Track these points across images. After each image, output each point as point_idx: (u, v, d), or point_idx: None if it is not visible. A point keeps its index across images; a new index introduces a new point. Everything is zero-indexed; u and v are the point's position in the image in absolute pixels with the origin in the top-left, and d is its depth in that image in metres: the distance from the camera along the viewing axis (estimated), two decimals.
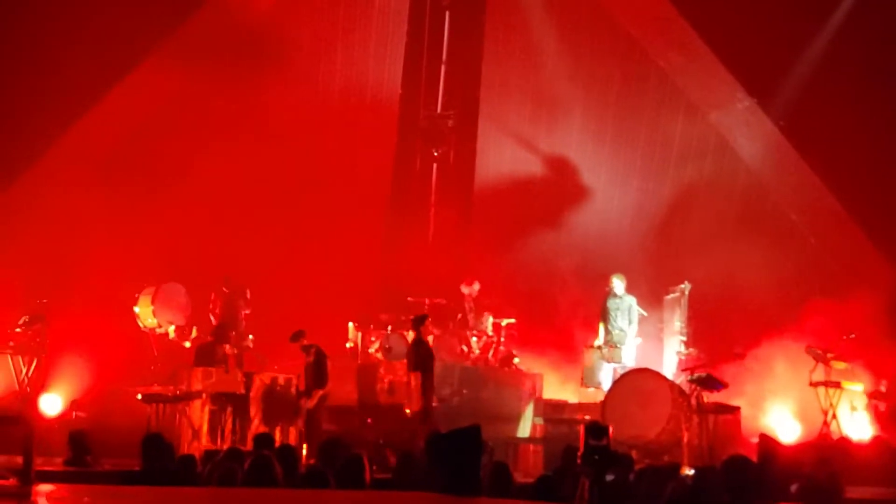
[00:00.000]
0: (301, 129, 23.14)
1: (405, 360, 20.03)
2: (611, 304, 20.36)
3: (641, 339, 20.44)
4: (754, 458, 10.14)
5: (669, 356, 20.74)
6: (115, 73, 21.42)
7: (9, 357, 19.59)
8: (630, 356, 20.13)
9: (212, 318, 20.57)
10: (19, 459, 8.06)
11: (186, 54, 21.91)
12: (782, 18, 20.75)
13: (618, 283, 20.35)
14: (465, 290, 21.38)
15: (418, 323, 17.71)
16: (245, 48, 22.70)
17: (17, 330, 19.63)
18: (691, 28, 21.49)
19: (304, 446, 17.09)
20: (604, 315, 20.40)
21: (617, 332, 20.19)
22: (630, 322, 20.26)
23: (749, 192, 23.12)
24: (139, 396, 17.85)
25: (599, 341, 20.21)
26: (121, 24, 20.15)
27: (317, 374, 18.00)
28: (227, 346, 19.26)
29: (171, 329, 20.19)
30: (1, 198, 20.57)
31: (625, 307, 20.31)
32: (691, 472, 13.11)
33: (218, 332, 19.22)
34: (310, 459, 14.80)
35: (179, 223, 22.00)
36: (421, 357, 17.30)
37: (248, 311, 20.87)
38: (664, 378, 18.76)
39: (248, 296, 20.90)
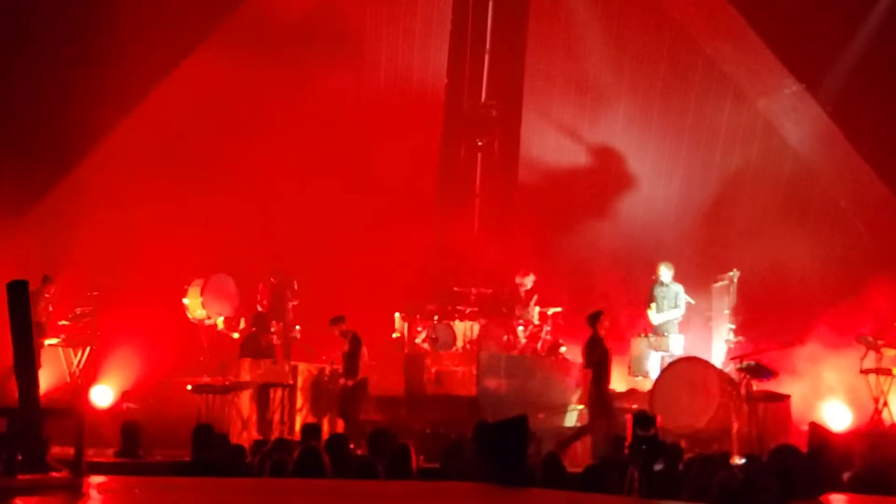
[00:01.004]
0: (347, 119, 23.22)
1: (452, 351, 20.13)
2: (657, 292, 20.26)
3: (682, 329, 20.29)
4: (804, 447, 10.08)
5: (718, 344, 20.61)
6: (165, 66, 21.57)
7: (60, 349, 19.79)
8: (678, 345, 20.04)
9: (259, 308, 20.65)
10: (71, 451, 8.12)
11: (235, 46, 22.03)
12: (830, 3, 20.58)
13: (665, 271, 20.25)
14: (519, 280, 21.33)
15: (594, 319, 17.30)
16: (292, 40, 22.77)
17: (68, 322, 19.83)
18: (739, 14, 21.35)
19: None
20: (650, 303, 20.31)
21: (660, 319, 20.10)
22: (676, 307, 20.17)
23: (797, 178, 22.96)
24: (189, 387, 17.97)
25: (651, 318, 20.08)
26: (171, 15, 20.28)
27: (349, 362, 18.06)
28: (273, 337, 19.38)
29: (220, 320, 20.30)
30: (52, 192, 20.75)
31: (671, 295, 20.21)
32: (741, 461, 13.07)
33: (258, 322, 19.31)
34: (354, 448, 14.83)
35: (228, 214, 22.13)
36: (597, 354, 16.98)
37: (295, 303, 20.93)
38: (713, 366, 18.67)
39: (296, 287, 20.96)
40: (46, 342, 19.33)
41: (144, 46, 20.26)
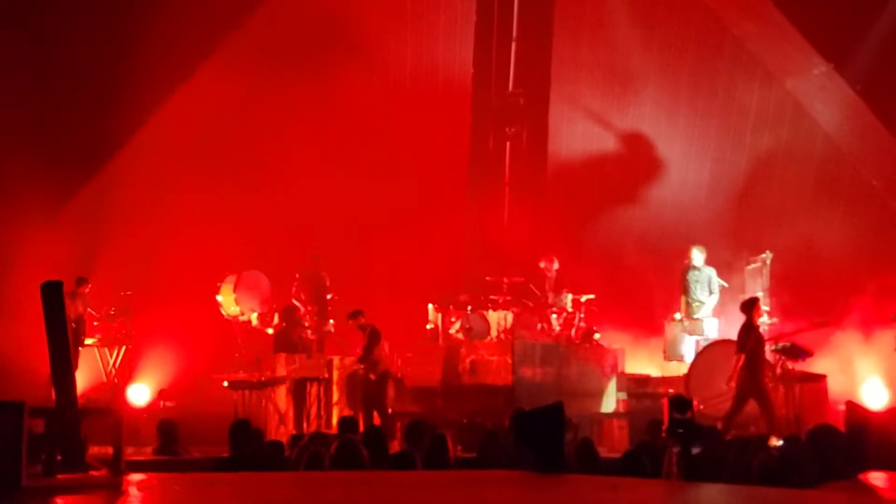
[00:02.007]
0: (376, 113, 23.22)
1: (486, 340, 20.15)
2: (690, 276, 20.21)
3: (716, 312, 20.23)
4: (842, 427, 10.04)
5: None
6: (191, 65, 21.63)
7: (96, 349, 19.92)
8: (712, 328, 19.99)
9: (296, 302, 20.60)
10: (109, 450, 8.18)
11: (264, 44, 22.11)
12: None
13: (697, 255, 20.20)
14: (543, 265, 21.32)
15: (750, 306, 17.09)
16: (319, 35, 22.79)
17: (101, 322, 19.94)
18: None
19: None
20: (684, 287, 20.27)
21: (697, 304, 20.05)
22: (711, 293, 20.12)
23: (828, 158, 22.83)
24: (225, 384, 18.05)
25: (680, 314, 20.09)
26: (199, 13, 20.35)
27: (367, 355, 18.12)
28: (308, 331, 19.43)
29: (254, 316, 20.36)
30: (83, 193, 20.86)
31: (704, 279, 20.15)
32: (779, 442, 13.04)
33: (289, 317, 19.36)
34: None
35: (260, 211, 22.21)
36: (751, 341, 16.75)
37: (330, 296, 20.93)
38: None
39: (328, 282, 20.99)
40: (88, 342, 19.49)
41: (173, 44, 20.32)
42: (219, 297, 20.46)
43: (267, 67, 22.49)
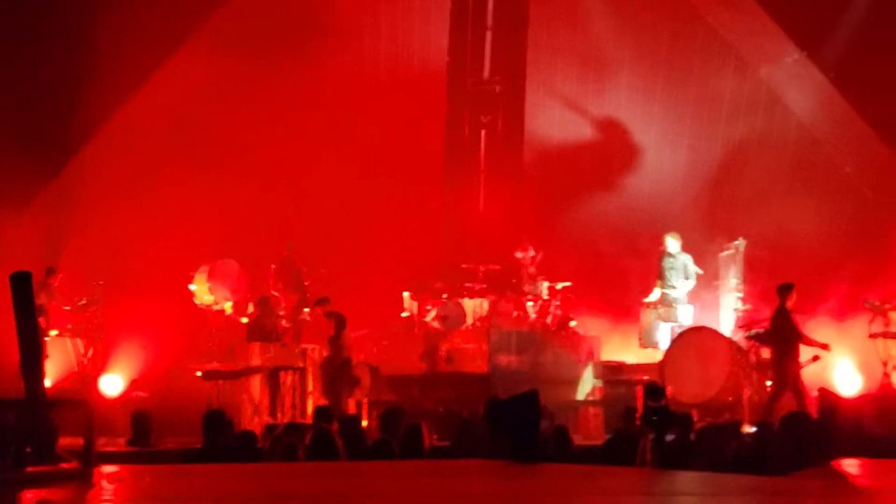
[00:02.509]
0: (351, 101, 23.17)
1: (462, 328, 20.15)
2: (665, 263, 20.22)
3: (690, 299, 20.27)
4: (815, 413, 10.08)
5: (726, 313, 20.59)
6: (164, 53, 21.52)
7: (68, 339, 19.80)
8: (687, 315, 20.02)
9: (274, 292, 20.50)
10: (81, 441, 8.13)
11: (235, 30, 22.01)
12: None
13: (671, 242, 20.21)
14: (520, 255, 21.32)
15: (784, 292, 17.00)
16: (294, 23, 22.69)
17: (72, 312, 19.82)
18: None
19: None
20: (660, 274, 20.29)
21: (672, 290, 20.08)
22: (687, 279, 20.15)
23: (802, 145, 22.89)
24: (199, 374, 17.98)
25: (653, 297, 20.08)
26: (168, 4, 20.25)
27: (336, 335, 18.06)
28: (282, 320, 19.37)
29: (228, 305, 20.28)
30: (54, 183, 20.75)
31: (679, 265, 20.17)
32: (752, 429, 13.08)
33: (263, 306, 19.30)
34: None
35: (233, 199, 22.12)
36: (785, 327, 16.75)
37: (308, 282, 20.83)
38: (722, 335, 18.68)
39: (303, 269, 20.91)
40: (52, 333, 19.35)
41: (145, 33, 20.22)
42: (192, 287, 20.35)
43: (241, 55, 22.36)
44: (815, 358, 17.52)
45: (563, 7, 23.66)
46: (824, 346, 17.00)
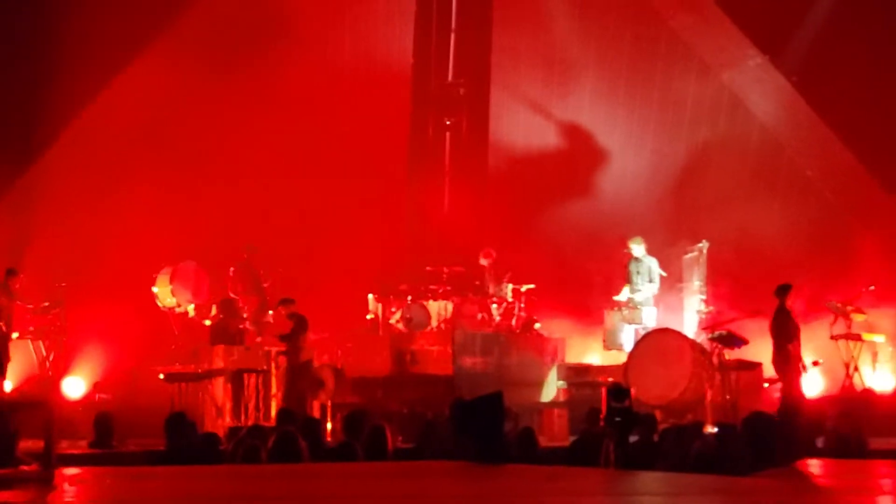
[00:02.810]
0: (315, 103, 23.11)
1: (427, 330, 20.14)
2: (631, 267, 20.35)
3: (654, 301, 20.36)
4: (777, 414, 10.12)
5: (690, 315, 20.70)
6: (128, 55, 21.40)
7: (30, 342, 19.67)
8: (651, 317, 20.11)
9: (232, 295, 20.44)
10: (42, 444, 8.09)
11: (198, 35, 21.90)
12: None
13: (636, 247, 20.34)
14: (483, 262, 21.33)
15: (783, 292, 17.07)
16: (258, 24, 22.62)
17: (35, 314, 19.69)
18: None
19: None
20: (627, 278, 20.42)
21: (638, 294, 20.18)
22: (651, 282, 20.25)
23: (764, 149, 22.98)
24: (161, 376, 17.89)
25: (622, 297, 20.15)
26: (132, 4, 20.14)
27: (291, 343, 18.05)
28: (246, 323, 19.31)
29: (191, 308, 20.20)
30: (17, 183, 20.59)
31: (644, 269, 20.28)
32: (714, 430, 13.13)
33: (226, 308, 19.23)
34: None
35: (197, 201, 22.04)
36: (785, 327, 16.78)
37: (267, 284, 20.77)
38: (685, 337, 18.75)
39: (262, 272, 20.82)
40: (14, 335, 19.21)
41: (110, 34, 20.12)
42: (155, 289, 20.27)
43: (205, 56, 22.30)
44: (816, 363, 17.71)
45: (527, 10, 23.69)
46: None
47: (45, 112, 20.44)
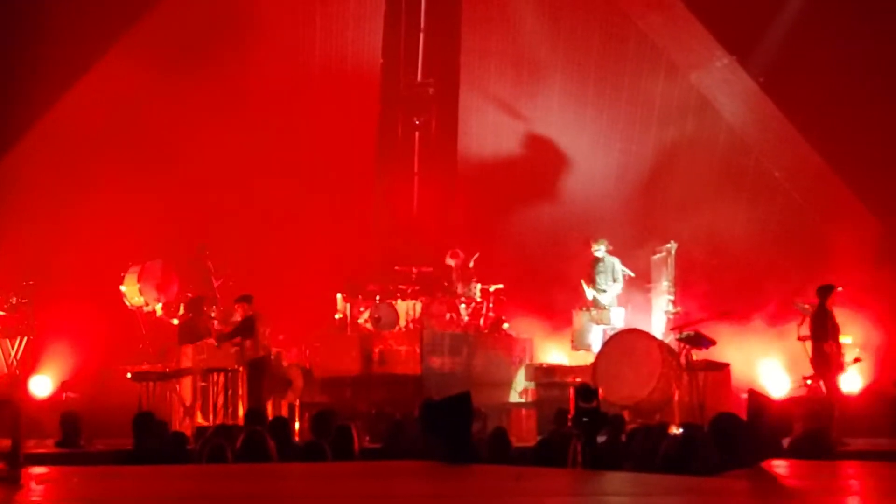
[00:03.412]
0: (283, 103, 23.08)
1: (395, 330, 20.14)
2: (597, 268, 20.43)
3: (622, 301, 20.45)
4: (744, 414, 10.16)
5: (658, 316, 20.78)
6: (93, 55, 21.30)
7: None
8: (619, 317, 20.17)
9: (189, 295, 20.33)
10: (8, 443, 8.05)
11: (164, 34, 21.81)
12: None
13: (598, 248, 20.44)
14: (450, 261, 21.34)
15: (825, 292, 17.03)
16: (223, 25, 22.54)
17: (4, 312, 19.58)
18: None
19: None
20: (590, 278, 20.48)
21: (602, 294, 20.26)
22: (615, 281, 20.33)
23: (731, 150, 23.07)
24: (129, 375, 17.83)
25: (588, 297, 20.24)
26: (97, 4, 20.04)
27: (228, 334, 18.02)
28: (214, 322, 19.26)
29: (159, 307, 20.13)
30: None
31: (608, 269, 20.36)
32: (679, 430, 13.19)
33: (194, 307, 19.19)
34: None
35: (165, 201, 21.96)
36: (825, 328, 16.78)
37: (218, 283, 20.67)
38: (653, 338, 18.82)
39: (212, 269, 20.75)
40: None
41: (69, 38, 20.01)
42: (122, 288, 20.21)
43: (172, 55, 22.25)
44: (857, 360, 17.80)
45: (496, 10, 23.71)
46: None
47: (12, 110, 20.33)
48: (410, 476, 9.49)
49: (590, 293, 20.27)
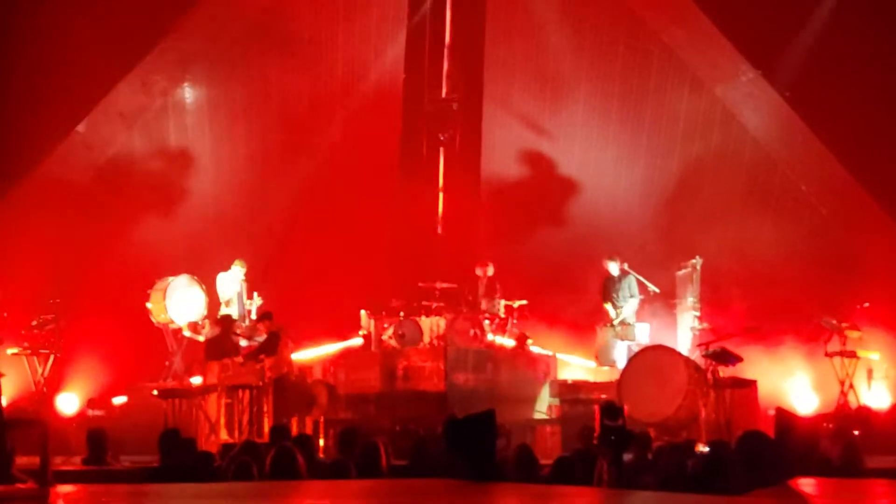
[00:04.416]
0: (308, 116, 23.15)
1: (419, 346, 20.12)
2: (610, 286, 20.43)
3: (647, 317, 20.40)
4: (772, 432, 10.11)
5: (683, 332, 20.71)
6: (124, 64, 21.29)
7: (24, 358, 19.62)
8: (644, 333, 20.11)
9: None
10: (37, 461, 8.07)
11: (193, 46, 21.87)
12: None
13: (612, 266, 20.44)
14: (479, 272, 21.36)
15: None
16: (247, 41, 22.65)
17: (29, 330, 19.63)
18: (692, 2, 21.35)
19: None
20: (606, 297, 20.45)
21: (622, 310, 20.25)
22: (633, 297, 20.30)
23: (757, 164, 23.01)
24: (155, 392, 17.86)
25: (614, 317, 20.23)
26: (122, 16, 20.09)
27: (254, 352, 18.09)
28: (240, 339, 19.27)
29: (185, 323, 20.17)
30: (9, 197, 20.53)
31: (624, 286, 20.35)
32: (706, 448, 13.12)
33: (224, 324, 19.22)
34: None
35: (190, 215, 22.04)
36: None
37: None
38: (679, 354, 18.72)
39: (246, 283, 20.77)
40: (9, 351, 19.19)
41: (97, 46, 20.08)
42: (149, 304, 20.25)
43: (198, 71, 22.35)
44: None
45: (520, 25, 23.71)
46: None
47: (37, 126, 20.39)
48: (437, 494, 9.47)
49: (612, 312, 20.26)
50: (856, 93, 20.35)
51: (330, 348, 21.14)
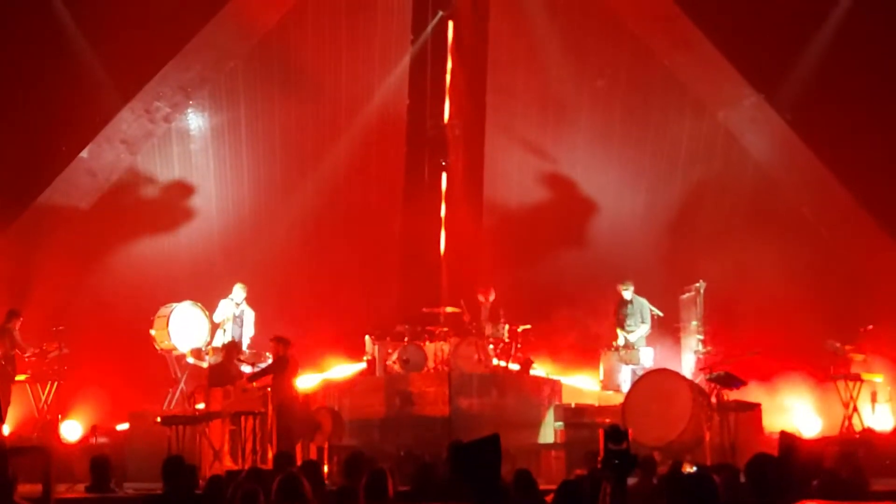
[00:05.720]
0: (311, 143, 23.19)
1: (423, 371, 20.12)
2: (623, 310, 20.45)
3: (652, 342, 20.41)
4: (775, 455, 10.08)
5: (687, 356, 20.68)
6: (127, 90, 21.35)
7: (27, 385, 19.64)
8: (648, 357, 20.11)
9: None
10: (40, 488, 8.06)
11: (191, 76, 21.94)
12: (785, 13, 20.70)
13: (626, 289, 20.48)
14: (481, 298, 21.41)
15: None
16: (251, 67, 22.72)
17: (37, 358, 19.66)
18: (695, 26, 21.41)
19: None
20: (618, 321, 20.47)
21: (630, 335, 20.25)
22: (644, 322, 20.31)
23: (759, 188, 23.01)
24: (158, 419, 17.84)
25: (619, 341, 20.25)
26: (125, 43, 20.18)
27: (256, 374, 18.05)
28: (244, 365, 19.27)
29: (188, 350, 20.18)
30: (13, 226, 20.59)
31: (636, 310, 20.37)
32: (693, 469, 13.09)
33: (225, 351, 19.21)
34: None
35: (195, 243, 22.07)
36: None
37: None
38: (683, 378, 18.68)
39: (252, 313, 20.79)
40: (21, 377, 19.25)
41: (95, 79, 20.19)
42: (152, 331, 20.26)
43: (201, 94, 22.41)
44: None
45: (522, 51, 23.75)
46: None
47: (44, 155, 20.46)
48: None
49: (621, 337, 20.27)
50: (858, 116, 20.39)
51: (334, 374, 21.17)
